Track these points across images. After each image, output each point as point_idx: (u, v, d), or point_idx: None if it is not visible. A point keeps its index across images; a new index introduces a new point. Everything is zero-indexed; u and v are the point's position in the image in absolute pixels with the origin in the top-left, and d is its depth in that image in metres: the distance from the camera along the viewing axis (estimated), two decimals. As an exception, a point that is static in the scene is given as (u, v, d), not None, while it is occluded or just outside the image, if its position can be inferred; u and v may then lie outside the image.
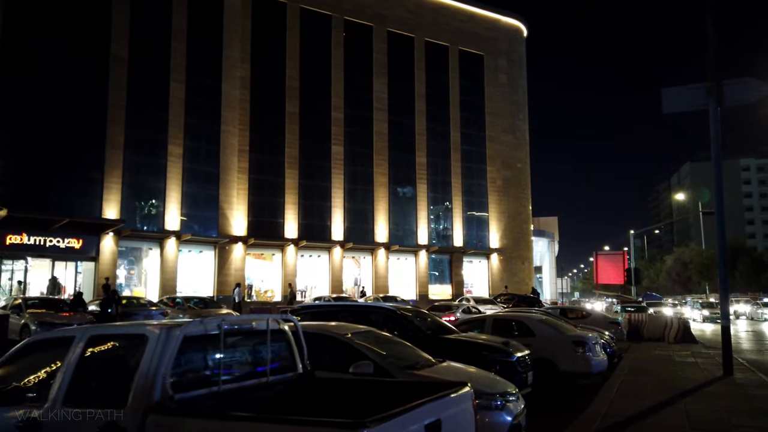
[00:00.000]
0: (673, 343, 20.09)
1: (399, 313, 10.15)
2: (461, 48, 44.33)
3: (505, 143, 45.77)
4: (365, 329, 7.75)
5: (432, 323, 10.64)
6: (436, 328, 10.34)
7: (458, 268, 42.53)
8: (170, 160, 31.41)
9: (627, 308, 31.10)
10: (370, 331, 7.73)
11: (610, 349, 14.84)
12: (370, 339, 7.32)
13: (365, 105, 39.61)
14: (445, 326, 10.67)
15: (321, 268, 37.55)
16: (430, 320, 10.90)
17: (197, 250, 33.25)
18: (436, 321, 10.96)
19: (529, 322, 11.88)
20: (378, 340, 7.57)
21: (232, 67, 34.62)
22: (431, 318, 11.25)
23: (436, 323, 10.72)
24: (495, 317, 12.45)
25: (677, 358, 14.09)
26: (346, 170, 38.33)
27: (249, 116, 34.97)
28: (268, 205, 35.49)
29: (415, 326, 9.82)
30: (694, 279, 71.64)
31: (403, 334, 9.76)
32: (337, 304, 11.34)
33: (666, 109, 12.74)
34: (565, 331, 11.89)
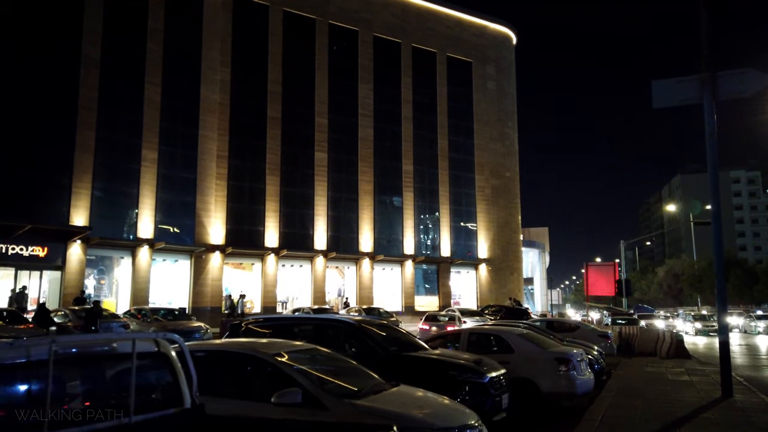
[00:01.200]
0: (665, 358, 18.99)
1: (359, 326, 8.98)
2: (449, 54, 43.55)
3: (494, 151, 44.89)
4: (307, 347, 6.59)
5: (398, 339, 9.48)
6: (402, 345, 9.18)
7: (446, 279, 41.39)
8: (144, 165, 30.16)
9: (618, 321, 30.08)
10: (313, 350, 6.57)
11: (598, 365, 13.74)
12: (308, 360, 6.16)
13: (350, 111, 38.62)
14: (413, 342, 9.50)
15: (303, 278, 36.29)
16: (397, 335, 9.75)
17: (172, 259, 31.92)
18: (404, 336, 9.80)
19: (507, 336, 10.75)
20: (319, 360, 6.41)
21: (211, 70, 33.55)
22: (399, 332, 10.10)
23: (403, 339, 9.56)
24: (471, 331, 11.31)
25: (670, 376, 12.98)
26: (330, 177, 37.23)
27: (228, 121, 33.86)
28: (248, 213, 34.27)
29: (375, 342, 8.66)
30: (685, 291, 70.81)
31: (361, 351, 8.63)
32: (292, 317, 10.20)
33: (656, 104, 11.65)
34: (548, 346, 10.76)
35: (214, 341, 6.58)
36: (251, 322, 9.80)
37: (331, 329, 9.27)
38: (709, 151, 10.87)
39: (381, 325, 9.86)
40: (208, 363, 5.73)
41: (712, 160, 10.80)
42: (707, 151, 10.65)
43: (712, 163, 10.84)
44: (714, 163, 10.90)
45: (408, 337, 9.98)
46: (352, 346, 8.79)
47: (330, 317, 9.96)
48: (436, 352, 9.19)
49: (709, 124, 10.79)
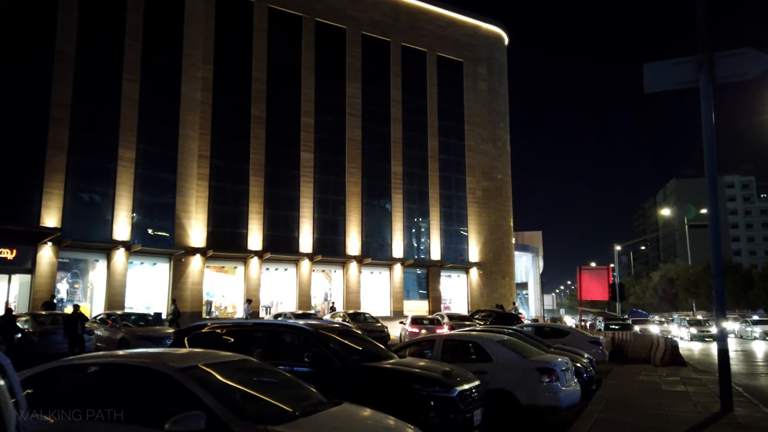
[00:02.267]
0: (659, 365, 18.02)
1: (315, 333, 7.97)
2: (440, 54, 42.72)
3: (485, 153, 44.01)
4: (235, 359, 5.56)
5: (362, 347, 8.47)
6: (365, 353, 8.18)
7: (435, 283, 40.39)
8: (121, 164, 29.08)
9: (611, 326, 29.13)
10: (242, 362, 5.53)
11: (587, 374, 12.75)
12: (233, 374, 5.13)
13: (338, 110, 37.67)
14: (379, 351, 8.49)
15: (288, 282, 35.22)
16: (362, 342, 8.74)
17: (150, 263, 30.80)
18: (369, 344, 8.78)
19: (485, 344, 9.75)
20: (248, 375, 5.39)
21: (193, 67, 32.55)
22: (365, 340, 9.08)
23: (368, 347, 8.53)
24: (446, 338, 10.30)
25: (664, 386, 12.00)
26: (317, 179, 36.23)
27: (211, 119, 32.85)
28: (231, 215, 33.22)
29: (332, 351, 7.65)
30: (680, 296, 70.07)
31: (315, 360, 7.64)
32: (243, 323, 9.19)
33: (648, 88, 10.65)
34: (529, 355, 9.77)
35: (118, 351, 5.53)
36: (196, 328, 8.78)
37: (288, 336, 8.27)
38: (706, 140, 9.90)
39: (344, 332, 8.84)
40: (100, 379, 4.72)
41: (709, 149, 9.82)
42: (704, 140, 9.70)
43: (709, 152, 9.86)
44: (711, 152, 9.91)
45: (374, 345, 8.98)
46: (308, 354, 7.80)
47: (285, 323, 8.95)
48: (404, 361, 8.18)
49: (706, 110, 9.84)
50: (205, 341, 8.49)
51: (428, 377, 7.24)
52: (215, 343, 8.47)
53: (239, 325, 8.64)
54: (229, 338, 8.37)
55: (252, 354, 7.95)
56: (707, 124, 9.66)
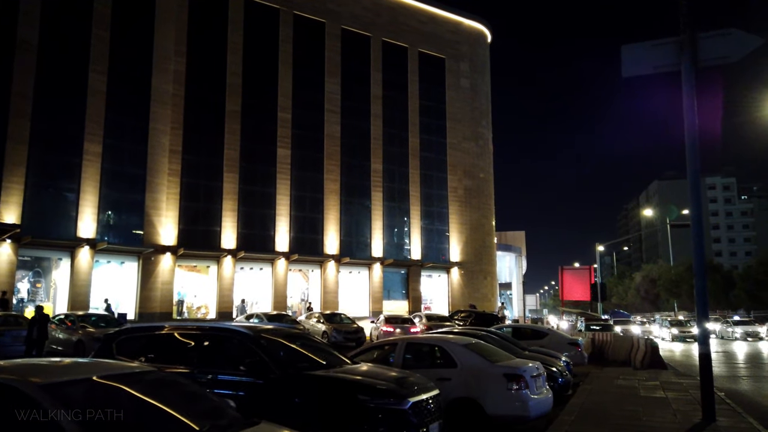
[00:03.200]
0: (639, 368, 17.42)
1: (255, 337, 7.10)
2: (421, 50, 41.99)
3: (467, 151, 43.37)
4: (138, 370, 4.69)
5: (311, 353, 7.63)
6: (313, 361, 7.34)
7: (416, 283, 39.64)
8: (87, 158, 27.90)
9: (591, 327, 28.62)
10: (145, 373, 4.66)
11: (562, 379, 12.05)
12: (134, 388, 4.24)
13: (316, 106, 36.75)
14: (329, 358, 7.64)
15: (263, 282, 34.22)
16: (312, 348, 7.89)
17: (118, 261, 29.63)
18: (320, 350, 7.93)
19: (449, 348, 8.97)
20: (151, 389, 4.51)
21: (164, 59, 31.43)
22: (316, 344, 8.25)
23: (318, 354, 7.68)
24: (408, 341, 9.50)
25: (643, 391, 11.32)
26: (294, 175, 35.26)
27: (183, 113, 31.74)
28: (203, 212, 32.15)
29: (272, 358, 6.80)
30: (662, 296, 70.20)
31: (252, 369, 6.79)
32: (176, 325, 8.30)
33: (626, 72, 9.91)
34: (497, 359, 9.00)
35: None
36: (125, 332, 7.87)
37: (225, 341, 7.38)
38: (688, 127, 9.18)
39: (293, 336, 7.97)
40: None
41: (691, 138, 9.11)
42: (686, 128, 8.99)
43: (691, 142, 9.15)
44: (693, 142, 9.19)
45: (327, 350, 8.14)
46: (245, 362, 6.93)
47: (222, 326, 8.06)
48: (354, 368, 7.35)
49: (687, 96, 9.12)
50: (134, 346, 7.60)
51: (377, 387, 6.43)
52: (145, 348, 7.59)
53: (173, 328, 7.75)
54: (160, 343, 7.49)
55: (183, 361, 7.10)
56: (689, 110, 8.96)
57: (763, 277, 54.09)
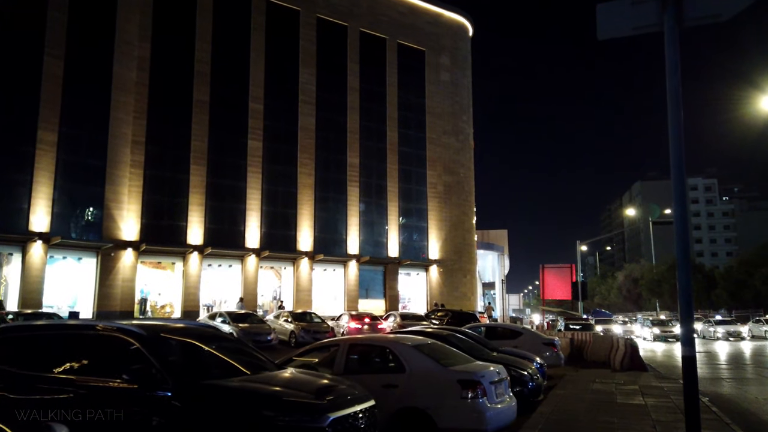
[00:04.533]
0: (619, 370, 16.40)
1: (148, 338, 5.81)
2: (400, 42, 40.80)
3: (447, 146, 42.27)
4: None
5: (226, 357, 6.36)
6: (225, 367, 6.08)
7: (393, 281, 38.43)
8: (41, 148, 26.28)
9: (571, 326, 27.64)
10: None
11: (533, 383, 10.91)
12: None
13: (290, 97, 35.38)
14: (248, 363, 6.37)
15: (232, 279, 32.79)
16: (228, 351, 6.62)
17: (75, 257, 28.01)
18: (238, 354, 6.65)
19: (397, 349, 7.75)
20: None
21: (127, 45, 29.86)
22: (234, 348, 6.96)
23: (234, 359, 6.40)
24: (352, 342, 8.27)
25: (620, 398, 10.21)
26: (265, 169, 33.86)
27: (147, 102, 30.20)
28: (168, 206, 30.62)
29: (164, 364, 5.51)
30: (644, 296, 69.89)
31: (137, 378, 5.48)
32: (52, 324, 7.01)
33: (602, 34, 8.50)
34: (452, 363, 7.81)
35: None
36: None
37: (111, 342, 6.06)
38: (671, 95, 7.87)
39: (206, 337, 6.68)
40: None
41: (673, 105, 7.79)
42: (668, 97, 7.73)
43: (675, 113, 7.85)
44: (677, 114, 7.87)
45: (248, 353, 6.88)
46: (134, 368, 5.63)
47: (109, 324, 6.75)
48: (269, 377, 6.09)
49: (671, 59, 7.83)
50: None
51: (289, 401, 5.18)
52: (9, 352, 6.23)
53: (47, 327, 6.45)
54: (30, 345, 6.16)
55: (52, 368, 5.77)
56: (673, 76, 7.71)
57: (744, 276, 53.82)
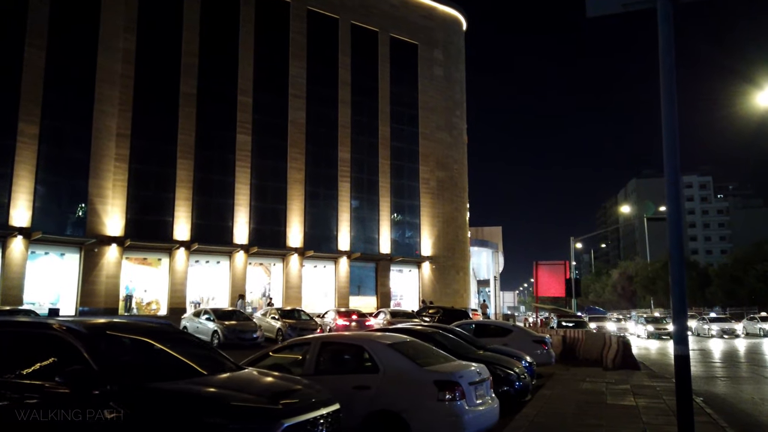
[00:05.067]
0: (611, 368, 15.95)
1: (85, 336, 5.27)
2: (393, 35, 40.20)
3: (440, 141, 41.75)
4: None
5: (179, 356, 5.83)
6: (175, 367, 5.56)
7: (385, 278, 37.92)
8: (21, 141, 25.63)
9: (564, 323, 27.20)
10: None
11: (520, 383, 10.45)
12: None
13: (279, 90, 34.76)
14: (204, 362, 5.85)
15: (220, 276, 32.22)
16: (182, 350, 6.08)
17: (57, 253, 27.38)
18: (192, 354, 6.11)
19: (371, 348, 7.23)
20: None
21: (112, 36, 29.18)
22: (188, 345, 6.42)
23: (188, 358, 5.87)
24: (324, 340, 7.74)
25: (610, 398, 9.74)
26: (254, 163, 33.26)
27: (132, 95, 29.54)
28: (154, 201, 30.01)
29: (101, 364, 4.98)
30: (639, 293, 69.65)
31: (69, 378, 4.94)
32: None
33: (591, 12, 8.00)
34: (430, 363, 7.30)
35: None
36: None
37: (42, 341, 5.50)
38: (665, 75, 7.39)
39: (158, 333, 6.14)
40: None
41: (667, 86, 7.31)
42: (661, 77, 7.24)
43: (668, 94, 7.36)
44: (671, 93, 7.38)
45: (207, 353, 6.35)
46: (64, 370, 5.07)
47: (38, 321, 6.20)
48: (235, 377, 5.58)
49: (664, 36, 7.34)
50: None
51: (237, 406, 4.65)
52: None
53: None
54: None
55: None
56: (667, 55, 7.21)
57: (739, 274, 53.58)
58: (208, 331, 21.53)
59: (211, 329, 21.39)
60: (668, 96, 6.82)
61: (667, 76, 7.09)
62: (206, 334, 21.55)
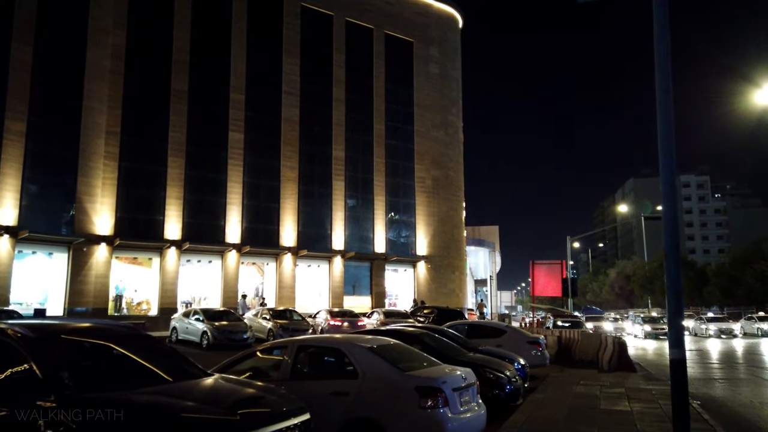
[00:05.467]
0: (607, 370, 15.58)
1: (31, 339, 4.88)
2: (388, 32, 39.78)
3: (436, 139, 41.35)
4: None
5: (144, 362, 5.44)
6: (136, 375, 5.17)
7: (380, 278, 37.50)
8: (8, 138, 25.15)
9: (559, 323, 26.85)
10: None
11: (511, 386, 10.08)
12: None
13: (273, 88, 34.31)
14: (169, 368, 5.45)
15: (212, 275, 31.78)
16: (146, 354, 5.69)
17: (45, 252, 26.92)
18: (159, 359, 5.73)
19: (350, 351, 6.84)
20: None
21: (102, 32, 28.71)
22: (153, 350, 6.01)
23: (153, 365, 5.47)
24: (301, 344, 7.34)
25: (604, 402, 9.36)
26: (247, 161, 32.82)
27: (122, 92, 29.07)
28: (144, 199, 29.55)
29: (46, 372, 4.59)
30: (636, 292, 69.33)
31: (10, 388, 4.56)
32: None
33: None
34: (414, 367, 6.91)
35: None
36: None
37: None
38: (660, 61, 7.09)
39: (118, 337, 5.75)
40: None
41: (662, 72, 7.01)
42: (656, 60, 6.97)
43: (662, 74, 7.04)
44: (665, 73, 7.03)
45: (172, 358, 5.94)
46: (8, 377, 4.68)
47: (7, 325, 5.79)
48: (198, 384, 5.18)
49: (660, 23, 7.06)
50: None
51: (189, 418, 4.25)
52: None
53: None
54: None
55: None
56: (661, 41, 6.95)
57: (736, 273, 53.28)
58: (198, 332, 21.13)
59: (201, 330, 20.98)
60: (663, 84, 6.45)
61: (663, 63, 6.75)
62: (196, 335, 21.16)
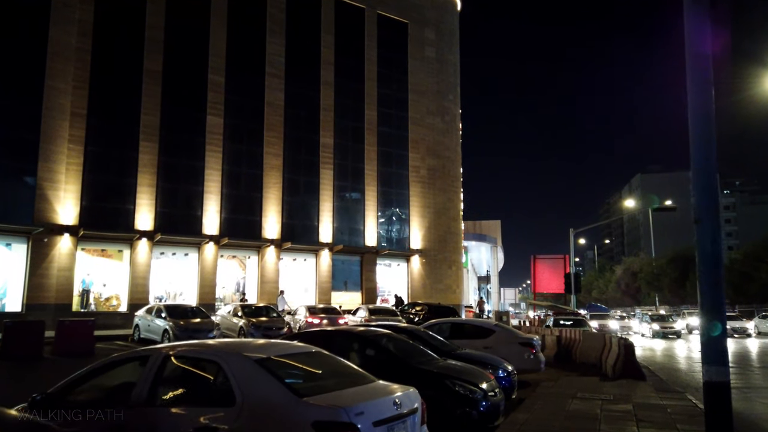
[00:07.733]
0: (611, 376, 13.38)
1: None
2: (380, 13, 37.51)
3: (432, 127, 39.08)
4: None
5: None
6: None
7: (370, 272, 35.33)
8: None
9: (561, 322, 24.65)
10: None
11: (487, 402, 8.09)
12: None
13: (255, 69, 32.14)
14: None
15: (188, 269, 29.71)
16: None
17: (3, 243, 24.90)
18: None
19: (230, 365, 4.64)
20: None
21: (66, 7, 26.63)
22: None
23: None
24: (167, 354, 5.10)
25: (605, 426, 7.16)
26: (227, 148, 30.70)
27: (89, 71, 26.98)
28: (113, 187, 27.49)
29: None
30: (643, 290, 66.90)
31: None
32: None
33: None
34: (320, 388, 4.72)
35: None
36: None
37: None
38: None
39: None
40: None
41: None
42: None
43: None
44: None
45: None
46: None
47: None
48: None
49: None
50: None
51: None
52: None
53: None
54: None
55: None
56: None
57: (749, 269, 50.76)
58: (159, 330, 19.18)
59: (162, 328, 19.01)
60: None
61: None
62: (157, 333, 19.20)
